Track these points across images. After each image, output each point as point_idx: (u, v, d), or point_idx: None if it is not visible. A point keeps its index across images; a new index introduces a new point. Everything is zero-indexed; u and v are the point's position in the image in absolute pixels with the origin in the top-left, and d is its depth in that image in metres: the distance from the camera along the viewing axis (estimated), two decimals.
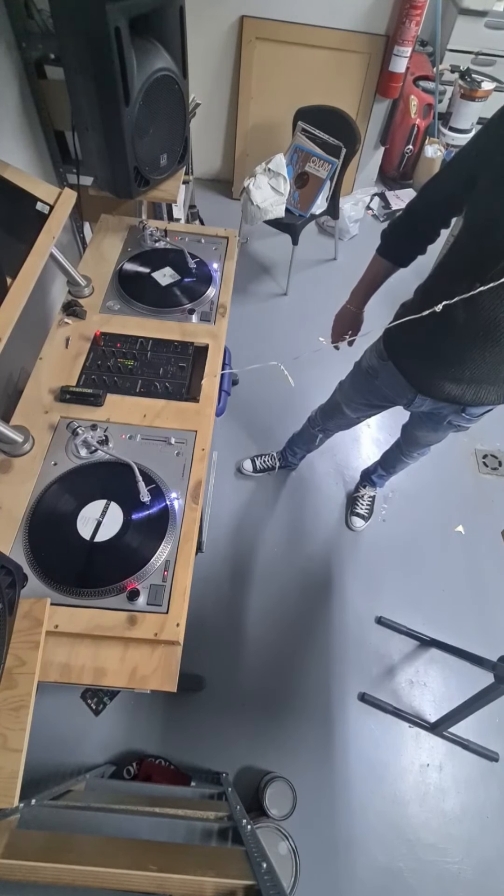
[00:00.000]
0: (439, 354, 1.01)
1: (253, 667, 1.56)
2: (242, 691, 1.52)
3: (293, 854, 1.21)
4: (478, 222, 0.84)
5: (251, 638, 1.62)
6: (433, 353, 1.02)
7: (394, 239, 1.08)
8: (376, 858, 1.32)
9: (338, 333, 1.29)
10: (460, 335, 0.94)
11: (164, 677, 0.80)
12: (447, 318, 0.89)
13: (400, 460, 1.65)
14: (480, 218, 0.83)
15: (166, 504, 0.94)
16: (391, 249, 1.10)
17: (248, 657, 1.58)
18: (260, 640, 1.61)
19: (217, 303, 1.32)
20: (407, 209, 1.03)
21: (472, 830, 1.37)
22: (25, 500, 0.93)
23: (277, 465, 1.94)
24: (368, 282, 1.17)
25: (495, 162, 0.78)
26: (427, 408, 1.19)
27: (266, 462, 1.94)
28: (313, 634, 1.64)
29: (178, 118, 1.34)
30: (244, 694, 1.51)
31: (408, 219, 1.04)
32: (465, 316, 0.90)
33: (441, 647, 1.60)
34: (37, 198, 1.10)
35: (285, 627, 1.65)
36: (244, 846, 0.68)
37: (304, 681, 1.56)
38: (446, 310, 0.84)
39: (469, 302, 0.81)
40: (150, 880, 0.55)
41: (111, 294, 1.30)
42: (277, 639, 1.62)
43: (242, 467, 1.94)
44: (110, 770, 1.34)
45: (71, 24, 1.08)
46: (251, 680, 1.54)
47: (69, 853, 0.62)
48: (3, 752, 0.69)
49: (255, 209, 2.26)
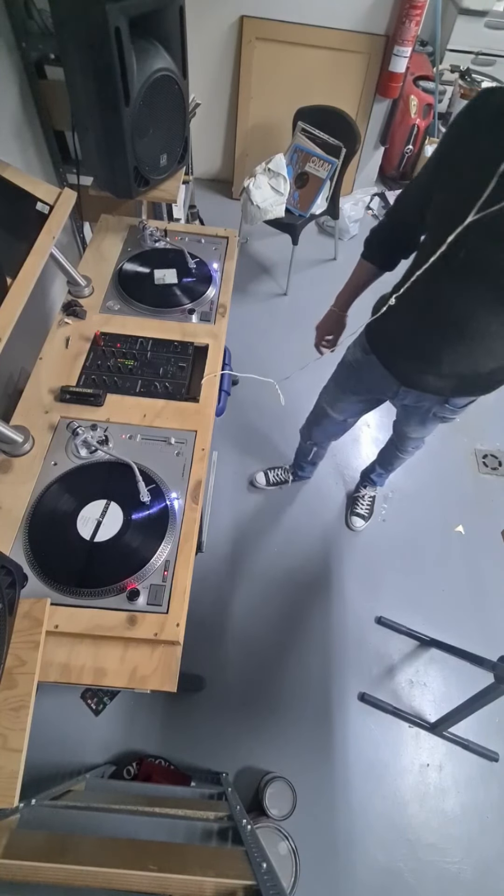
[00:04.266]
0: (416, 348, 1.02)
1: (253, 667, 1.56)
2: (242, 691, 1.52)
3: (293, 854, 1.21)
4: (435, 218, 0.84)
5: (251, 638, 1.62)
6: (411, 347, 1.03)
7: (376, 244, 1.09)
8: (376, 858, 1.32)
9: (321, 336, 1.29)
10: (431, 330, 0.95)
11: (164, 677, 0.80)
12: (415, 313, 0.93)
13: (396, 456, 1.65)
14: (437, 212, 0.84)
15: (166, 504, 0.94)
16: (374, 254, 1.10)
17: (248, 657, 1.58)
18: (260, 640, 1.61)
19: (217, 303, 1.32)
20: (385, 215, 1.04)
21: (472, 830, 1.37)
22: (25, 500, 0.93)
23: (290, 479, 1.92)
24: (354, 285, 1.17)
25: (456, 156, 0.78)
26: (411, 401, 1.18)
27: (279, 476, 1.92)
28: (313, 634, 1.64)
29: (178, 118, 1.34)
30: (244, 694, 1.51)
31: (387, 225, 1.05)
32: (432, 312, 0.91)
33: (441, 647, 1.60)
34: (37, 198, 1.10)
35: (285, 627, 1.65)
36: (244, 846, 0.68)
37: (304, 681, 1.56)
38: (413, 305, 0.86)
39: (434, 297, 0.83)
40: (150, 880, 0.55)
41: (111, 294, 1.30)
42: (277, 639, 1.62)
43: (256, 480, 1.92)
44: (110, 770, 1.34)
45: (71, 24, 1.08)
46: (251, 680, 1.54)
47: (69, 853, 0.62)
48: (3, 752, 0.69)
49: (255, 209, 2.26)
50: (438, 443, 2.12)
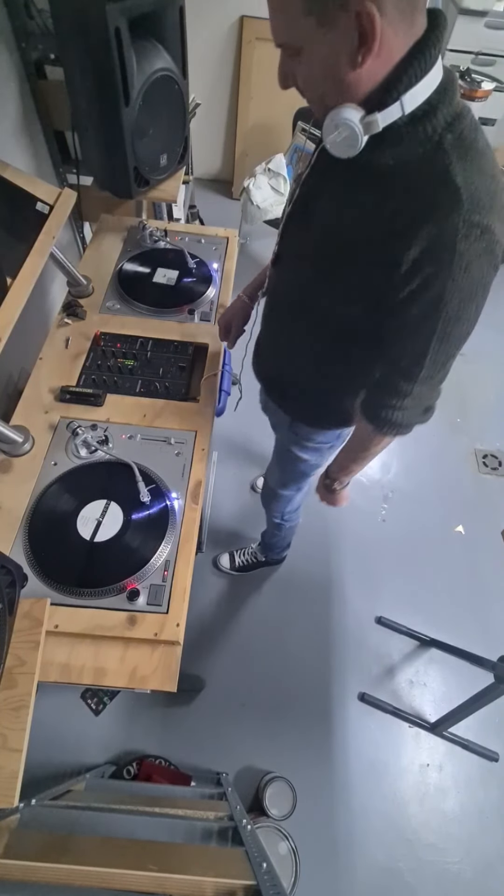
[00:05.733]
0: (261, 341, 1.01)
1: (253, 667, 1.56)
2: (242, 691, 1.52)
3: (293, 854, 1.21)
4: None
5: (251, 638, 1.62)
6: (261, 343, 1.02)
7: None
8: (376, 858, 1.32)
9: (224, 323, 1.13)
10: (267, 316, 0.96)
11: (164, 677, 0.80)
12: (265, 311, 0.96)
13: (269, 522, 1.50)
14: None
15: (166, 504, 0.94)
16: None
17: (248, 657, 1.58)
18: (260, 640, 1.61)
19: (217, 303, 1.32)
20: None
21: (472, 830, 1.37)
22: (25, 500, 0.93)
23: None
24: (263, 272, 1.04)
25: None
26: (271, 419, 1.15)
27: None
28: (313, 634, 1.64)
29: (178, 118, 1.34)
30: (244, 694, 1.51)
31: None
32: (270, 298, 0.94)
33: (441, 647, 1.60)
34: (37, 198, 1.10)
35: (285, 627, 1.65)
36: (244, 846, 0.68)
37: (304, 681, 1.55)
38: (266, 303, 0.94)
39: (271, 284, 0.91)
40: (150, 880, 0.55)
41: (111, 294, 1.30)
42: (277, 639, 1.62)
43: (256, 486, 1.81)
44: (110, 770, 1.34)
45: (71, 24, 1.08)
46: (251, 680, 1.54)
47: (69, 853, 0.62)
48: (3, 752, 0.69)
49: (255, 209, 2.26)
50: (438, 443, 2.12)
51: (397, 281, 0.62)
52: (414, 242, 0.58)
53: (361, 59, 0.52)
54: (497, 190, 0.57)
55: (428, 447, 2.11)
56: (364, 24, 0.49)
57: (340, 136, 0.58)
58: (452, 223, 0.55)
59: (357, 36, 0.51)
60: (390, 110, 0.56)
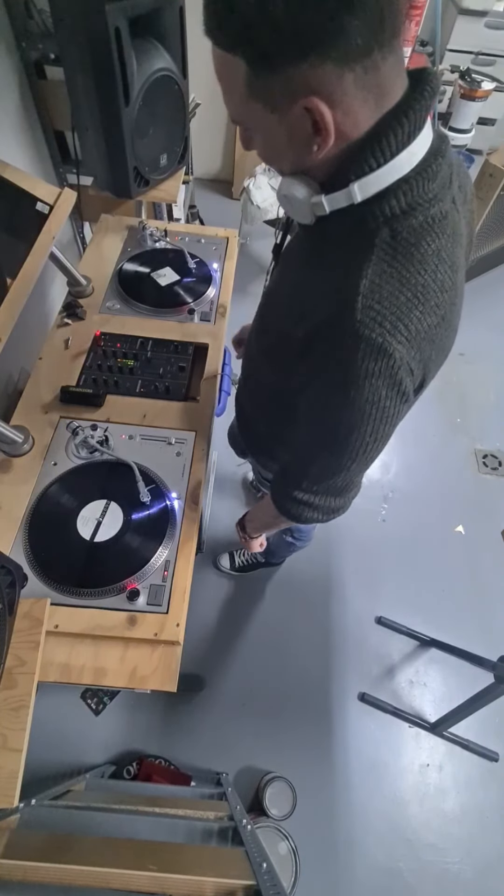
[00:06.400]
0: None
1: (253, 667, 1.56)
2: (242, 691, 1.52)
3: (293, 854, 1.22)
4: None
5: (251, 638, 1.62)
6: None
7: None
8: (376, 858, 1.32)
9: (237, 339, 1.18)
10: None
11: (164, 677, 0.80)
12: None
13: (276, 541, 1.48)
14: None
15: (166, 504, 0.94)
16: None
17: (248, 657, 1.58)
18: (260, 640, 1.61)
19: (217, 303, 1.32)
20: None
21: (472, 830, 1.37)
22: (25, 500, 0.93)
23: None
24: None
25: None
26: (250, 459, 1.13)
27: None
28: (313, 634, 1.64)
29: (178, 118, 1.34)
30: (244, 694, 1.51)
31: None
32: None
33: (441, 647, 1.60)
34: (37, 198, 1.09)
35: (285, 627, 1.65)
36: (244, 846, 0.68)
37: (303, 680, 1.56)
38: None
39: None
40: (150, 880, 0.55)
41: (111, 294, 1.30)
42: (277, 638, 1.62)
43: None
44: (110, 770, 1.34)
45: (71, 24, 1.08)
46: (251, 680, 1.54)
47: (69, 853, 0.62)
48: (3, 752, 0.69)
49: (255, 209, 2.26)
50: (438, 443, 2.12)
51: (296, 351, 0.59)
52: (310, 328, 0.55)
53: (317, 149, 0.47)
54: (414, 311, 0.49)
55: (428, 447, 2.11)
56: (315, 117, 0.45)
57: (291, 207, 0.55)
58: (343, 330, 0.50)
59: (311, 124, 0.45)
60: (336, 197, 0.50)
